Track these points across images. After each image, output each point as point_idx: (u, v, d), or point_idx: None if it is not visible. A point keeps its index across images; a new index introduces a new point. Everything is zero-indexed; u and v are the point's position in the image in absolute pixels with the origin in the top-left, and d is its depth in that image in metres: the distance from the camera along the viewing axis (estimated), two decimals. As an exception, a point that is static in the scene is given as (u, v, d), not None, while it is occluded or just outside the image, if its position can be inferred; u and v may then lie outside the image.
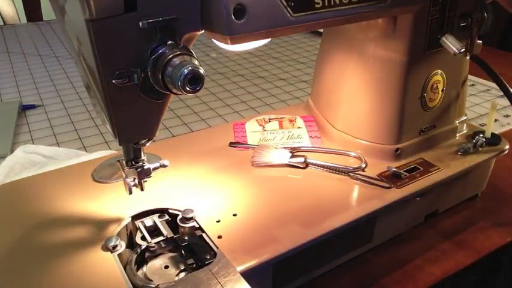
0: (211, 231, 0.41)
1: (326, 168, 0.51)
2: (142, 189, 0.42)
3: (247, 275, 0.36)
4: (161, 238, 0.40)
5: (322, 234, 0.42)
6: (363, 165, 0.51)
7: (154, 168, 0.42)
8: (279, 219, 0.44)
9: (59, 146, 0.72)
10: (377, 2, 0.41)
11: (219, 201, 0.46)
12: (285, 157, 0.52)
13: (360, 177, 0.50)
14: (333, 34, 0.56)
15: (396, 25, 0.48)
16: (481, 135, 0.56)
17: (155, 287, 0.36)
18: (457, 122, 0.58)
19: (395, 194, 0.47)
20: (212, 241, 0.40)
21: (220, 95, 0.92)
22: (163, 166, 0.42)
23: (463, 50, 0.48)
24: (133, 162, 0.41)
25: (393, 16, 0.48)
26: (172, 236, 0.40)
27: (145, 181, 0.42)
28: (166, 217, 0.42)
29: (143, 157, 0.41)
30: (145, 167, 0.41)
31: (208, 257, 0.38)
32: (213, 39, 0.36)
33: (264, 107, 0.87)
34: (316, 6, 0.37)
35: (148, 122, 0.38)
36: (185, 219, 0.41)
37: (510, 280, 0.58)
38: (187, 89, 0.31)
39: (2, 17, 1.52)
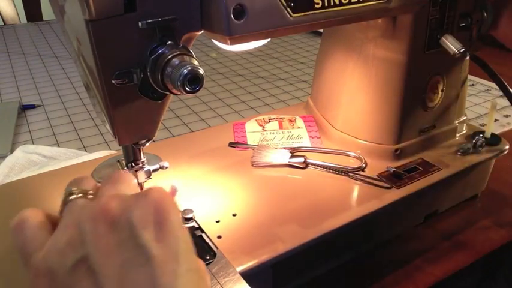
0: (211, 231, 0.41)
1: (326, 168, 0.51)
2: (142, 190, 0.42)
3: (247, 275, 0.36)
4: (161, 238, 0.40)
5: (322, 234, 0.42)
6: (363, 165, 0.51)
7: (154, 170, 0.42)
8: (279, 219, 0.44)
9: (59, 146, 0.72)
10: (377, 2, 0.41)
11: (219, 201, 0.46)
12: (284, 157, 0.52)
13: (359, 177, 0.50)
14: (333, 34, 0.56)
15: (396, 25, 0.48)
16: (481, 135, 0.55)
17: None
18: (457, 122, 0.58)
19: (395, 194, 0.47)
20: (212, 241, 0.40)
21: (220, 95, 0.92)
22: (163, 168, 0.42)
23: (463, 50, 0.48)
24: (133, 164, 0.41)
25: (393, 16, 0.48)
26: (172, 236, 0.40)
27: (145, 181, 0.42)
28: (166, 217, 0.42)
29: (143, 159, 0.41)
30: (145, 169, 0.41)
31: (208, 257, 0.38)
32: (212, 39, 0.36)
33: (264, 107, 0.87)
34: (316, 6, 0.37)
35: (148, 122, 0.38)
36: (185, 219, 0.41)
37: (510, 280, 0.58)
38: (187, 89, 0.31)
39: (2, 17, 1.52)
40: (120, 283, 0.23)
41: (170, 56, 0.32)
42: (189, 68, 0.31)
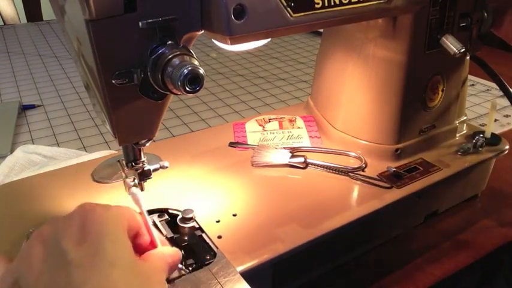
0: (211, 231, 0.41)
1: (326, 168, 0.51)
2: (142, 190, 0.42)
3: (247, 275, 0.36)
4: (161, 238, 0.40)
5: (322, 234, 0.42)
6: (363, 165, 0.51)
7: (154, 170, 0.42)
8: (279, 219, 0.44)
9: (59, 146, 0.72)
10: (377, 2, 0.41)
11: (219, 201, 0.46)
12: (284, 157, 0.52)
13: (359, 177, 0.50)
14: (333, 34, 0.56)
15: (396, 25, 0.48)
16: (481, 135, 0.55)
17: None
18: (457, 122, 0.58)
19: (395, 194, 0.47)
20: (212, 241, 0.40)
21: (220, 95, 0.92)
22: (164, 167, 0.42)
23: (463, 50, 0.48)
24: (133, 164, 0.41)
25: (393, 16, 0.48)
26: (172, 236, 0.40)
27: (145, 181, 0.42)
28: (166, 217, 0.42)
29: (143, 158, 0.41)
30: (145, 169, 0.41)
31: (208, 257, 0.38)
32: (213, 39, 0.36)
33: (264, 107, 0.87)
34: (316, 6, 0.37)
35: (148, 122, 0.38)
36: (185, 219, 0.41)
37: (510, 280, 0.58)
38: (187, 89, 0.31)
39: (2, 17, 1.52)
40: None
41: (170, 56, 0.32)
42: (190, 68, 0.31)
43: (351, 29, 0.52)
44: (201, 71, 0.31)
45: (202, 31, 0.35)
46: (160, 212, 0.43)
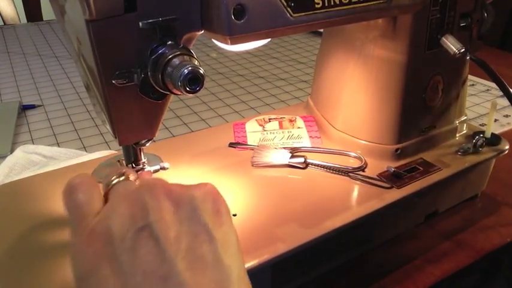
0: (211, 231, 0.41)
1: (326, 168, 0.51)
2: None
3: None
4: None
5: (323, 234, 0.42)
6: (363, 165, 0.51)
7: (155, 171, 0.42)
8: (279, 219, 0.44)
9: (59, 146, 0.72)
10: (377, 2, 0.41)
11: (219, 201, 0.46)
12: (285, 157, 0.52)
13: (359, 177, 0.50)
14: (333, 34, 0.56)
15: (396, 25, 0.48)
16: (481, 135, 0.55)
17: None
18: (457, 122, 0.58)
19: (395, 194, 0.47)
20: (212, 241, 0.40)
21: (220, 95, 0.92)
22: (164, 169, 0.42)
23: (463, 50, 0.48)
24: (133, 165, 0.41)
25: (393, 16, 0.48)
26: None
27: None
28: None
29: (143, 160, 0.41)
30: (145, 170, 0.41)
31: (208, 257, 0.38)
32: (213, 39, 0.36)
33: (264, 107, 0.87)
34: (316, 6, 0.37)
35: (148, 122, 0.38)
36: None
37: (510, 280, 0.58)
38: (187, 89, 0.31)
39: (2, 17, 1.52)
40: (182, 249, 0.24)
41: (170, 56, 0.32)
42: (190, 68, 0.31)
43: (351, 29, 0.52)
44: (201, 71, 0.31)
45: (202, 31, 0.35)
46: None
